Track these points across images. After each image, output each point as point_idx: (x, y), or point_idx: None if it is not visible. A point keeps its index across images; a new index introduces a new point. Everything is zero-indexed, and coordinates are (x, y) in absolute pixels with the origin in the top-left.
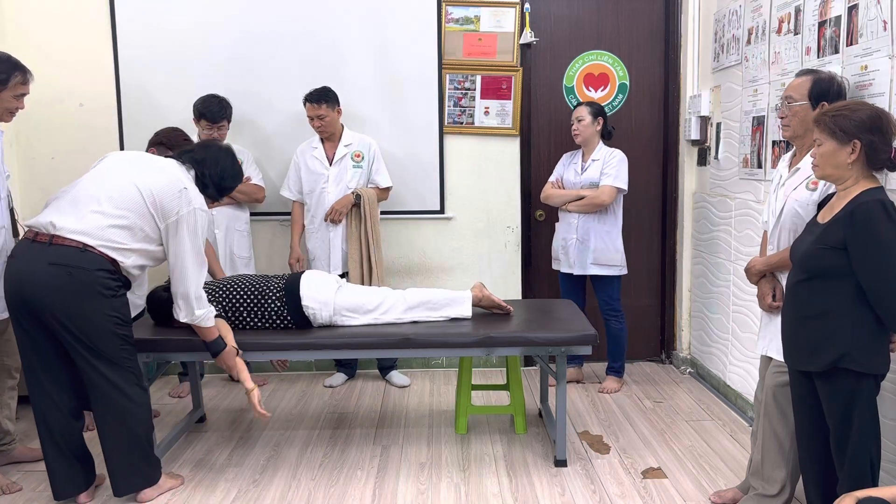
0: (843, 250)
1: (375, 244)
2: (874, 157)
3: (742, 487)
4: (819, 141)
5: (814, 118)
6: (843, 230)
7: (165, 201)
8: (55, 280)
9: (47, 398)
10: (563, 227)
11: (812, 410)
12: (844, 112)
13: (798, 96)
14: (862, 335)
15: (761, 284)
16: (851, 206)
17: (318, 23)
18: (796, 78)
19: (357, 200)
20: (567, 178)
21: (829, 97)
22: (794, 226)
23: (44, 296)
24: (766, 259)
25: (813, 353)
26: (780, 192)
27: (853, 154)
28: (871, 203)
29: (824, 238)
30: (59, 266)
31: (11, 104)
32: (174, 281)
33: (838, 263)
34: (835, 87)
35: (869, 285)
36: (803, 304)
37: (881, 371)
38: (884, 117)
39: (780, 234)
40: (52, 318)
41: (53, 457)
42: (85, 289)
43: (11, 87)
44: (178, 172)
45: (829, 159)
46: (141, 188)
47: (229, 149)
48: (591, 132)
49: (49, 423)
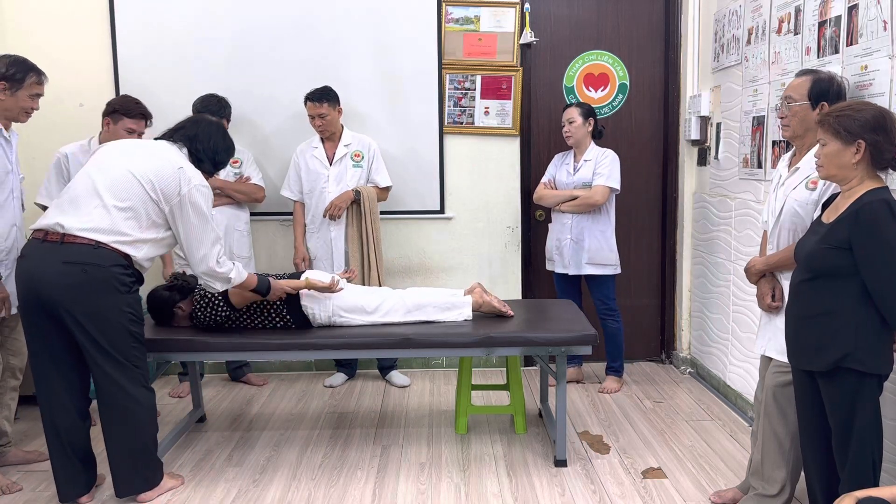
0: (847, 250)
1: (375, 242)
2: (879, 157)
3: (742, 487)
4: (823, 141)
5: (818, 118)
6: (847, 230)
7: (164, 184)
8: (70, 278)
9: (55, 398)
10: (557, 227)
11: (815, 410)
12: (848, 112)
13: (798, 96)
14: (866, 335)
15: (761, 284)
16: (856, 206)
17: (319, 23)
18: (796, 78)
19: (357, 197)
20: (559, 178)
21: (828, 97)
22: (793, 225)
23: (59, 294)
24: (766, 259)
25: (816, 352)
26: (779, 192)
27: (857, 154)
28: (876, 203)
29: (829, 238)
30: (74, 264)
31: (27, 104)
32: (193, 261)
33: (843, 263)
34: (834, 87)
35: (873, 285)
36: (807, 304)
37: (884, 371)
38: (888, 117)
39: (779, 233)
40: (67, 315)
41: (59, 458)
42: (101, 285)
43: (27, 87)
44: (171, 153)
45: (833, 159)
46: (137, 175)
47: (220, 123)
48: (582, 133)
49: (56, 423)
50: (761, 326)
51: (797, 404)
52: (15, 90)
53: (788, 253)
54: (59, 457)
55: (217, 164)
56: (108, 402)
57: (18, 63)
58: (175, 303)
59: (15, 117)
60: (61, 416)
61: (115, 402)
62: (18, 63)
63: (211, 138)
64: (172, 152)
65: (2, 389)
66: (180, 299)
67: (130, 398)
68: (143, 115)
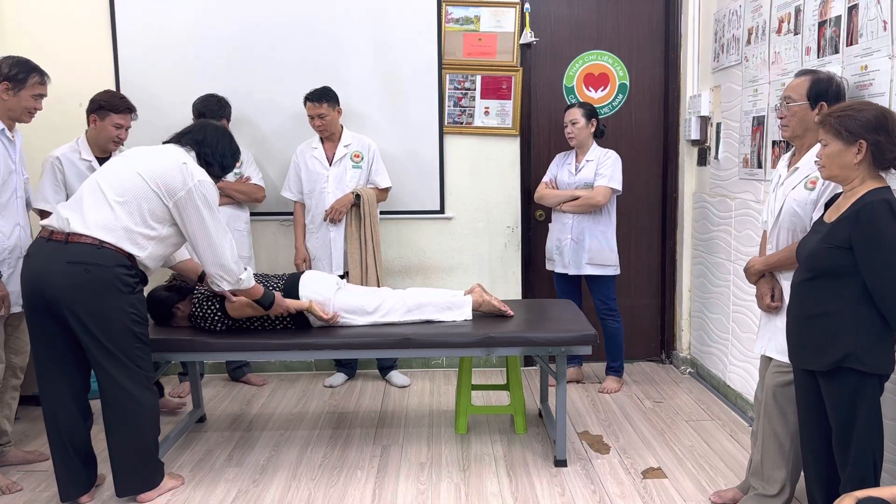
0: (848, 250)
1: (375, 245)
2: (880, 157)
3: (742, 487)
4: (825, 141)
5: (819, 119)
6: (848, 230)
7: (168, 178)
8: (73, 278)
9: (57, 397)
10: (558, 227)
11: (816, 410)
12: (850, 112)
13: (797, 96)
14: (867, 335)
15: (760, 284)
16: (857, 206)
17: (319, 23)
18: (795, 78)
19: (357, 200)
20: (561, 178)
21: (827, 97)
22: (792, 225)
23: (63, 294)
24: (766, 259)
25: (818, 352)
26: (778, 192)
27: (859, 154)
28: (877, 203)
29: (830, 237)
30: (77, 264)
31: (30, 104)
32: (204, 258)
33: (844, 263)
34: (833, 88)
35: (874, 285)
36: (809, 304)
37: (886, 371)
38: (889, 117)
39: (778, 233)
40: (70, 315)
41: (60, 457)
42: (103, 286)
43: (29, 87)
44: (177, 153)
45: (835, 160)
46: (142, 173)
47: (226, 128)
48: (585, 134)
49: (58, 422)
50: (761, 326)
51: (798, 404)
52: (17, 90)
53: (788, 253)
54: (61, 456)
55: (225, 167)
56: (110, 402)
57: (21, 63)
58: (173, 303)
59: (18, 117)
60: (63, 415)
61: (117, 402)
62: (21, 63)
63: (219, 143)
64: (179, 152)
65: (3, 388)
66: (178, 300)
67: (132, 399)
68: (129, 109)
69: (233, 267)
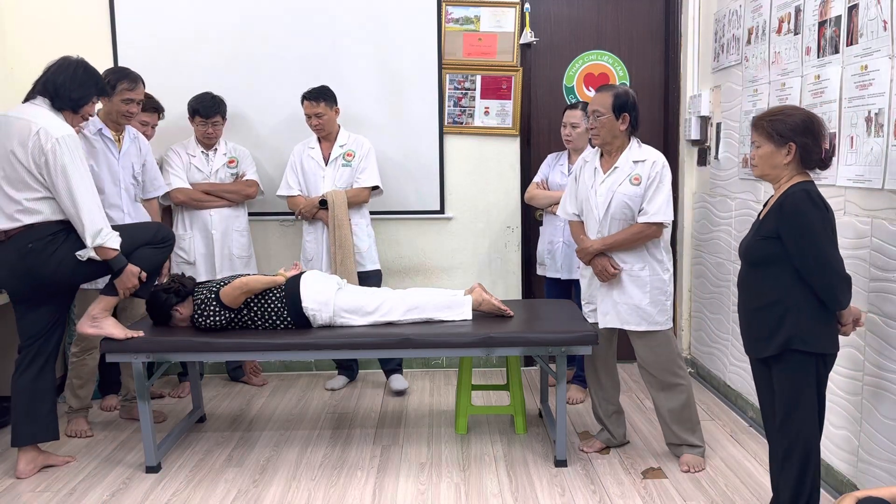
0: (777, 239)
1: (345, 249)
2: (807, 158)
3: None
4: (757, 143)
5: (752, 122)
6: (775, 220)
7: (29, 150)
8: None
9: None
10: (549, 229)
11: (772, 398)
12: (780, 117)
13: (604, 109)
14: (806, 317)
15: (598, 261)
16: (781, 198)
17: (318, 23)
18: (597, 94)
19: (322, 205)
20: (553, 179)
21: (628, 108)
22: (623, 216)
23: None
24: (603, 240)
25: (767, 339)
26: (600, 189)
27: (789, 155)
28: (798, 192)
29: (761, 230)
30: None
31: (121, 108)
32: (75, 217)
33: (775, 251)
34: (631, 100)
35: (803, 268)
36: (753, 296)
37: (828, 350)
38: (815, 121)
39: (609, 222)
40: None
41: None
42: (33, 259)
43: (119, 92)
44: (29, 115)
45: (767, 160)
46: (13, 151)
47: (81, 60)
48: (585, 139)
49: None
50: (601, 302)
51: (757, 393)
52: (111, 96)
53: (624, 235)
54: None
55: (75, 100)
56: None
57: (115, 71)
58: (171, 305)
59: (116, 120)
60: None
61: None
62: (115, 71)
63: (62, 74)
64: (30, 112)
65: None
66: (177, 302)
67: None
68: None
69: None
